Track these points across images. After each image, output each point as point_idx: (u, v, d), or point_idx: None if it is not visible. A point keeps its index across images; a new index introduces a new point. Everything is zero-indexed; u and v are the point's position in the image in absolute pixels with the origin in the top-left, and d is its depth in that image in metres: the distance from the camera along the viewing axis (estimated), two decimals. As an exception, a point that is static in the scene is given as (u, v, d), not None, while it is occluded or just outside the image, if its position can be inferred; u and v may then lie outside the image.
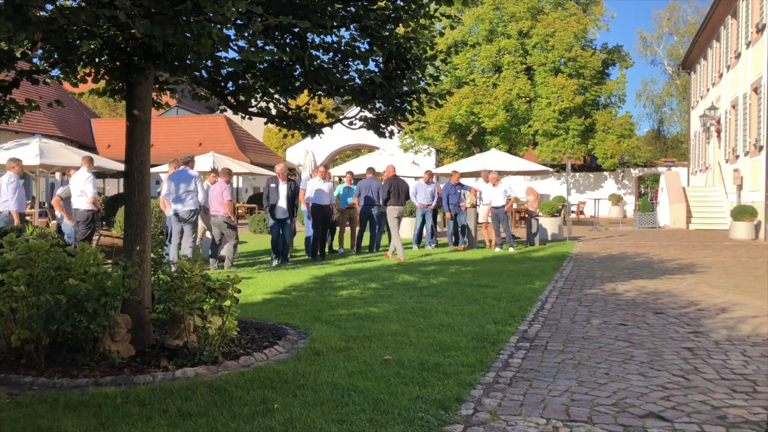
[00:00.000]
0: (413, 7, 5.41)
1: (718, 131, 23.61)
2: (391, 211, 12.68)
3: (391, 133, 6.06)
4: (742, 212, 17.00)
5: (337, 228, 13.78)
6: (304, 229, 13.61)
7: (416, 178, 18.67)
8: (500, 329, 5.82)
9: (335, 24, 5.20)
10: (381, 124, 5.99)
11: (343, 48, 5.53)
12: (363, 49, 5.51)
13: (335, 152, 35.62)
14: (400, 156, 28.01)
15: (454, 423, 3.53)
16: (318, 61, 5.56)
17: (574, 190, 32.23)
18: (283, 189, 11.22)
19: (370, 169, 14.44)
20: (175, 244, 9.80)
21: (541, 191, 29.69)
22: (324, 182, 12.27)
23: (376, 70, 5.74)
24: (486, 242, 14.78)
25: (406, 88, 5.71)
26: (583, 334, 5.73)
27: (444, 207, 14.31)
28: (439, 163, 32.63)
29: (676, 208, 21.94)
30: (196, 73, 5.33)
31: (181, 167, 10.00)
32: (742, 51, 19.81)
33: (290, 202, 11.27)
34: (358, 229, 13.94)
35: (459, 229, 14.41)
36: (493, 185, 14.16)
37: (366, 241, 14.23)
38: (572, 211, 27.82)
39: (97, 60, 4.86)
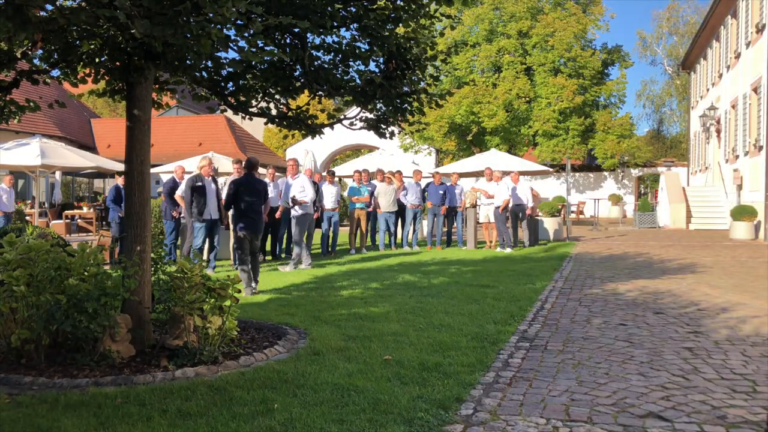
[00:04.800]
0: (413, 7, 5.41)
1: (718, 131, 23.61)
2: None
3: (392, 134, 6.06)
4: (742, 212, 16.99)
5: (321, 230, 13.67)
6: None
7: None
8: (500, 329, 5.82)
9: (335, 24, 5.20)
10: (381, 125, 5.99)
11: (343, 48, 5.53)
12: (363, 50, 5.51)
13: (335, 152, 35.60)
14: (400, 156, 27.99)
15: (454, 423, 3.53)
16: (318, 62, 5.57)
17: (574, 190, 32.22)
18: (210, 186, 10.27)
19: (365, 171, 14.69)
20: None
21: (540, 191, 29.68)
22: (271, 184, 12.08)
23: (377, 70, 5.74)
24: (486, 242, 14.80)
25: (406, 89, 5.71)
26: (583, 334, 5.73)
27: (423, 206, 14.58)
28: (439, 163, 32.62)
29: (676, 208, 21.95)
30: (196, 74, 5.34)
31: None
32: (742, 51, 19.80)
33: (219, 200, 10.21)
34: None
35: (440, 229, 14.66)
36: (496, 182, 14.17)
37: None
38: (572, 211, 27.81)
39: (97, 60, 4.86)
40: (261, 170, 15.12)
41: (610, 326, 6.05)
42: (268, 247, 12.71)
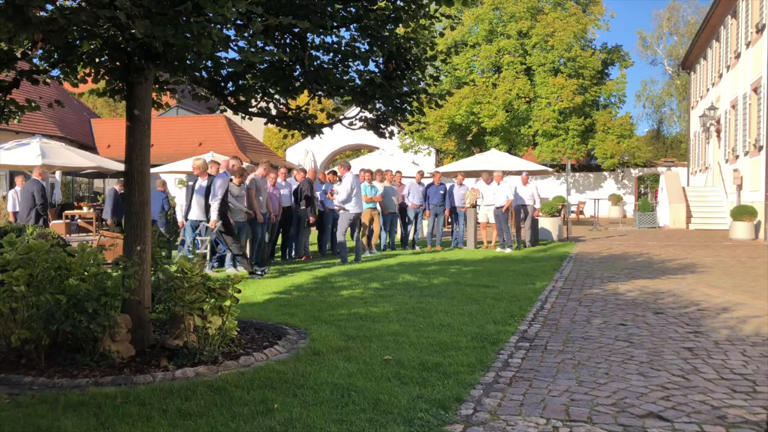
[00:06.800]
0: (413, 7, 5.42)
1: (718, 131, 23.61)
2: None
3: (391, 134, 6.06)
4: (742, 212, 17.00)
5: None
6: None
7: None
8: (500, 329, 5.82)
9: (335, 24, 5.20)
10: (381, 125, 5.99)
11: (343, 48, 5.53)
12: (363, 50, 5.51)
13: (335, 152, 35.60)
14: (399, 156, 27.99)
15: (454, 423, 3.53)
16: (318, 62, 5.56)
17: (573, 190, 32.23)
18: (200, 186, 9.97)
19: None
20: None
21: (540, 191, 29.66)
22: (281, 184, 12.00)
23: (376, 70, 5.74)
24: (485, 242, 14.80)
25: (406, 89, 5.71)
26: (583, 334, 5.73)
27: (425, 206, 14.46)
28: (439, 163, 32.62)
29: (676, 208, 21.95)
30: (196, 74, 5.33)
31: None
32: (742, 51, 19.81)
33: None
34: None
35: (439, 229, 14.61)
36: (497, 183, 14.18)
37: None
38: (572, 211, 27.81)
39: (97, 60, 4.86)
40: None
41: (610, 326, 6.05)
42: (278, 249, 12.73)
